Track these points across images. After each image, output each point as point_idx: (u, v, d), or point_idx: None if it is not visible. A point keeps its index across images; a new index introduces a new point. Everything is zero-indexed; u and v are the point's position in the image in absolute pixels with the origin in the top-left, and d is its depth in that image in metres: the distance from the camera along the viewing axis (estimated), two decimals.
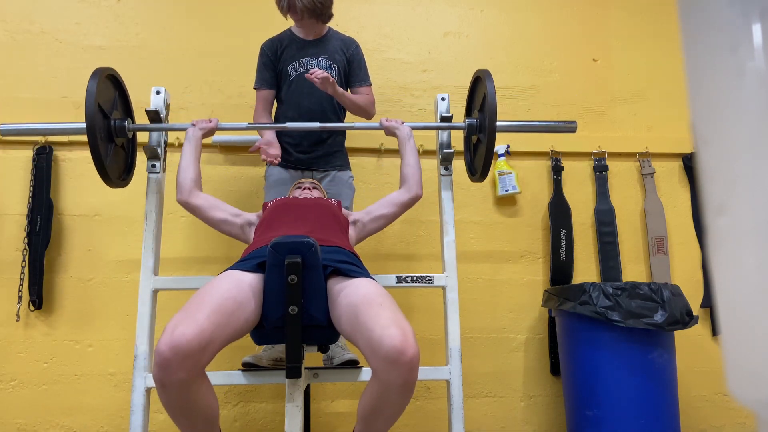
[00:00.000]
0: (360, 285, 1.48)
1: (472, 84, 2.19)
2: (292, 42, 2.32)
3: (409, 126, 2.11)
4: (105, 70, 1.92)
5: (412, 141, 2.08)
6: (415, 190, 2.01)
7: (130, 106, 2.13)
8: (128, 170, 2.14)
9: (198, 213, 1.93)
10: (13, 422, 2.42)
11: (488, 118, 1.93)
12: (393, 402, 1.37)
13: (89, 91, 1.80)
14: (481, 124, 2.06)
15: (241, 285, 1.46)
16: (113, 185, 2.00)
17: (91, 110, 1.79)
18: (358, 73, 2.34)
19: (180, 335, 1.24)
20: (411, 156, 2.04)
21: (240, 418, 2.50)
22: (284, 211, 1.85)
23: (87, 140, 1.80)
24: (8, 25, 2.72)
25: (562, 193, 2.82)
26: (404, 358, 1.26)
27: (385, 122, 2.12)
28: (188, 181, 1.93)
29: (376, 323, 1.31)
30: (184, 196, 1.92)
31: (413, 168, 2.03)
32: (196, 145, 2.00)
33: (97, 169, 1.87)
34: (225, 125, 2.11)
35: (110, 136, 1.96)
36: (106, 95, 1.94)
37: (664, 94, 2.98)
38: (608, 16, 3.07)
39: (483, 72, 2.02)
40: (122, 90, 2.07)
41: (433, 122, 2.32)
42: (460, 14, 2.99)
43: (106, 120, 1.93)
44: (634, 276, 2.78)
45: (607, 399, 2.19)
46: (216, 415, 1.45)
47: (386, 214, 1.98)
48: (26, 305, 2.47)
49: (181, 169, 1.96)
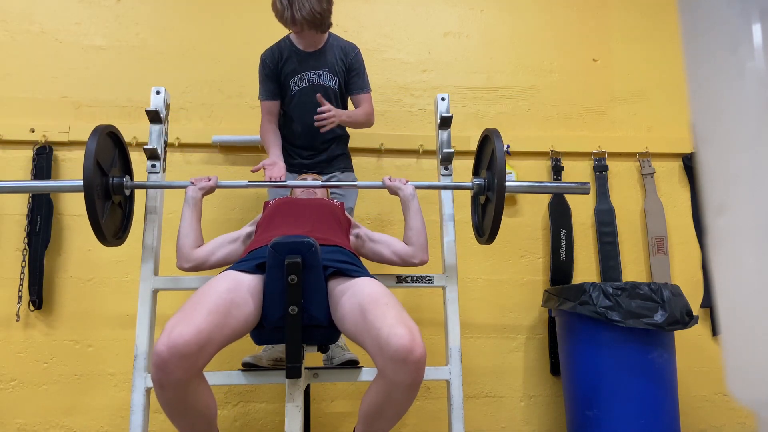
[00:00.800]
0: (364, 284, 1.48)
1: (480, 143, 2.13)
2: (292, 54, 2.27)
3: (413, 185, 2.01)
4: (105, 128, 1.85)
5: (416, 201, 1.96)
6: (421, 256, 1.90)
7: (129, 163, 2.05)
8: (124, 229, 2.03)
9: (204, 267, 1.86)
10: (13, 422, 2.42)
11: (497, 178, 1.86)
12: (398, 401, 1.38)
13: (88, 149, 1.72)
14: (489, 183, 1.99)
15: (240, 285, 1.46)
16: (108, 244, 1.90)
17: (89, 169, 1.71)
18: (357, 81, 2.32)
19: (178, 336, 1.24)
20: (415, 219, 1.93)
21: (240, 418, 2.50)
22: (285, 210, 1.85)
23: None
24: (8, 25, 2.72)
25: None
26: (412, 357, 1.26)
27: (387, 181, 2.03)
28: (187, 246, 1.85)
29: (383, 322, 1.32)
30: (183, 263, 1.85)
31: (418, 232, 1.91)
32: (196, 208, 1.90)
33: (92, 228, 1.78)
34: (224, 183, 2.03)
35: (107, 193, 1.88)
36: (105, 153, 1.86)
37: (664, 94, 2.98)
38: (608, 16, 3.07)
39: (491, 131, 1.96)
40: (122, 147, 2.00)
41: (437, 182, 2.19)
42: (460, 14, 2.99)
43: (104, 177, 1.86)
44: (634, 276, 2.78)
45: (607, 399, 2.19)
46: (214, 415, 1.45)
47: (385, 258, 1.92)
48: (26, 305, 2.47)
49: (181, 236, 1.87)
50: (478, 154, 2.16)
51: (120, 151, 1.99)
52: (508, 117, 2.91)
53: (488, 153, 2.03)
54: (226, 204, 2.68)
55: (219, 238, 1.91)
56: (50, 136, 2.60)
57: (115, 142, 1.96)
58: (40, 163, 2.57)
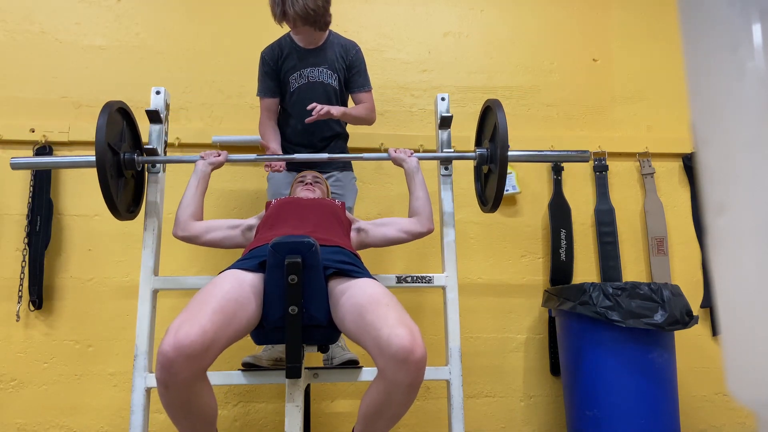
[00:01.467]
0: (365, 285, 1.48)
1: (482, 113, 2.16)
2: (292, 51, 2.28)
3: (417, 157, 2.07)
4: (115, 103, 1.90)
5: (420, 174, 2.02)
6: (428, 225, 1.95)
7: (138, 136, 2.09)
8: (136, 202, 2.10)
9: (197, 242, 1.90)
10: (13, 422, 2.42)
11: (500, 148, 1.91)
12: (398, 402, 1.38)
13: (99, 127, 1.77)
14: (492, 153, 2.03)
15: (243, 285, 1.46)
16: (122, 218, 1.96)
17: (101, 148, 1.76)
18: (358, 79, 2.32)
19: (184, 336, 1.24)
20: (420, 189, 1.99)
21: (240, 418, 2.50)
22: (286, 210, 1.85)
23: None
24: (8, 25, 2.72)
25: (562, 193, 2.82)
26: (413, 357, 1.27)
27: (393, 153, 2.09)
28: (185, 216, 1.89)
29: (383, 323, 1.32)
30: (178, 230, 1.89)
31: (423, 201, 1.97)
32: (203, 181, 1.96)
33: (107, 205, 1.84)
34: (234, 157, 2.09)
35: (120, 171, 1.93)
36: (114, 129, 1.90)
37: (664, 94, 2.98)
38: (608, 17, 3.07)
39: (493, 102, 2.00)
40: (131, 120, 2.04)
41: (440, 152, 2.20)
42: (460, 14, 2.99)
43: (116, 156, 1.90)
44: (634, 276, 2.78)
45: (607, 399, 2.19)
46: (214, 415, 1.46)
47: (393, 238, 1.95)
48: (26, 305, 2.47)
49: (182, 204, 1.92)
50: (480, 126, 2.20)
51: (130, 127, 2.05)
52: (508, 117, 2.86)
53: (491, 124, 2.06)
54: (227, 204, 2.68)
55: (220, 221, 1.95)
56: (50, 136, 2.60)
57: (124, 118, 2.01)
58: None
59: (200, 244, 1.92)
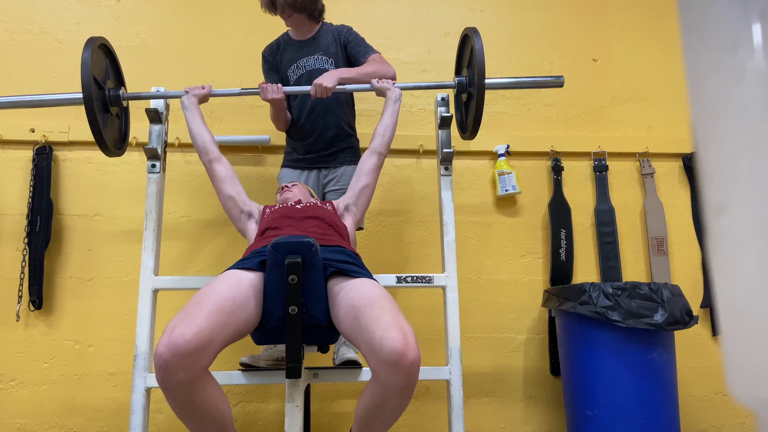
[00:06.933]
0: (361, 286, 1.47)
1: (460, 42, 2.21)
2: (288, 45, 2.36)
3: (399, 88, 2.12)
4: (97, 39, 1.94)
5: (398, 105, 2.08)
6: (382, 150, 2.00)
7: (121, 75, 2.17)
8: (123, 139, 2.18)
9: (214, 178, 1.95)
10: (13, 422, 2.42)
11: (477, 74, 1.96)
12: (392, 404, 1.37)
13: (84, 62, 1.82)
14: (470, 80, 2.09)
15: (242, 285, 1.46)
16: (111, 154, 2.04)
17: (87, 82, 1.82)
18: (359, 49, 2.32)
19: (178, 336, 1.23)
20: (390, 117, 2.04)
21: (240, 418, 2.50)
22: (284, 217, 1.83)
23: (86, 118, 1.85)
24: (8, 25, 2.72)
25: (562, 193, 2.82)
26: (405, 361, 1.24)
27: (376, 83, 2.12)
28: (208, 143, 1.97)
29: (377, 325, 1.30)
30: (211, 157, 1.95)
31: (388, 128, 2.03)
32: (196, 111, 2.04)
33: (95, 139, 1.92)
34: (217, 91, 2.13)
35: (105, 106, 2.00)
36: (99, 65, 1.97)
37: (664, 94, 2.98)
38: (608, 16, 3.07)
39: (470, 29, 2.04)
40: (113, 58, 2.10)
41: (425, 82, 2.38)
42: (460, 14, 2.99)
43: (101, 90, 1.97)
44: (634, 276, 2.78)
45: (607, 399, 2.19)
46: (225, 417, 1.42)
47: (368, 184, 1.98)
48: (26, 305, 2.47)
49: (196, 135, 1.99)
50: (459, 54, 2.25)
51: (112, 64, 2.10)
52: (508, 117, 2.91)
53: (468, 51, 2.11)
54: None
55: (237, 180, 1.96)
56: (50, 136, 2.60)
57: (106, 54, 2.06)
58: (40, 163, 2.57)
59: (213, 181, 1.95)
